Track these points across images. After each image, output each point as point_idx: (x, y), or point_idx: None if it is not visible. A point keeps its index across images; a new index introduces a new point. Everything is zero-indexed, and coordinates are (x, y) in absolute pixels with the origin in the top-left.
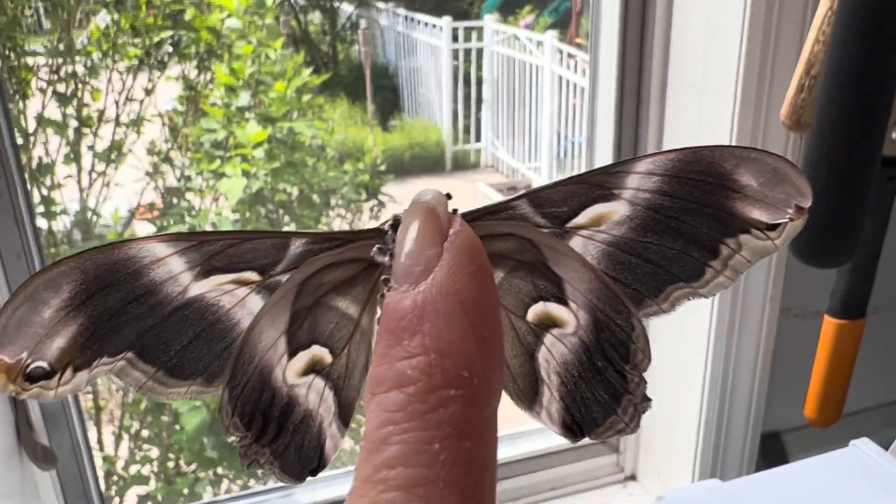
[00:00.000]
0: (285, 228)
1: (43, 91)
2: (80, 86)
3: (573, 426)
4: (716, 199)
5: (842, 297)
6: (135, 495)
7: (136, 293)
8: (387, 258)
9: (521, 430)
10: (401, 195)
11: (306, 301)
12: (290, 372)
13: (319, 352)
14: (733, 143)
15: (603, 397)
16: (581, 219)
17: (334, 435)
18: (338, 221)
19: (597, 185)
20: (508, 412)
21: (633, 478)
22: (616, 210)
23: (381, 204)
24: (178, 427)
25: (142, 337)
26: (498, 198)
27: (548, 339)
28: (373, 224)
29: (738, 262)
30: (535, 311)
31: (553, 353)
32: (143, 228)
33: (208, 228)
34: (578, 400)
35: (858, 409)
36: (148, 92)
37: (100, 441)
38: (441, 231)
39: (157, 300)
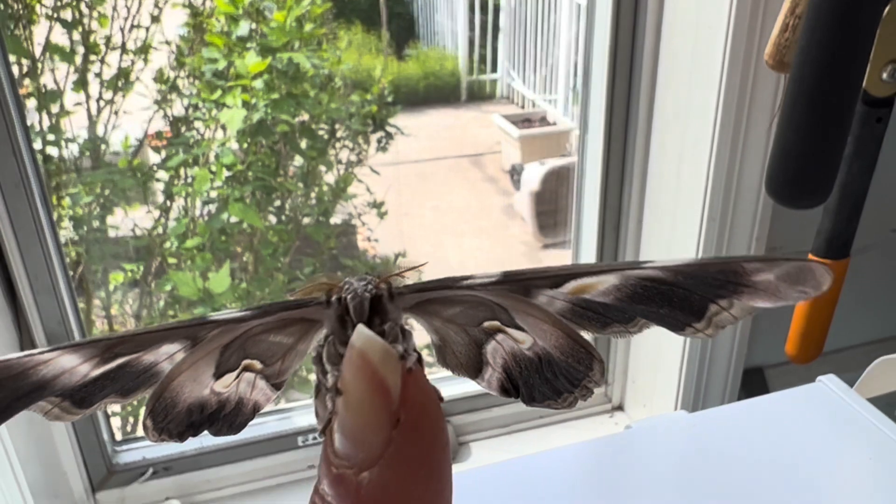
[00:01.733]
0: (280, 179)
1: (49, 17)
2: (85, 11)
3: (511, 392)
4: (722, 288)
5: (826, 237)
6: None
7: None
8: (331, 322)
9: None
10: (412, 127)
11: (233, 351)
12: (219, 386)
13: (250, 363)
14: (723, 88)
15: (547, 389)
16: (564, 289)
17: (268, 397)
18: (344, 153)
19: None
20: None
21: (620, 408)
22: (605, 280)
23: (389, 136)
24: None
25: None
26: (512, 130)
27: (500, 336)
28: (379, 155)
29: (723, 320)
30: (490, 325)
31: (503, 346)
32: (153, 157)
33: (212, 158)
34: (521, 379)
35: (839, 347)
36: (154, 18)
37: None
38: (389, 410)
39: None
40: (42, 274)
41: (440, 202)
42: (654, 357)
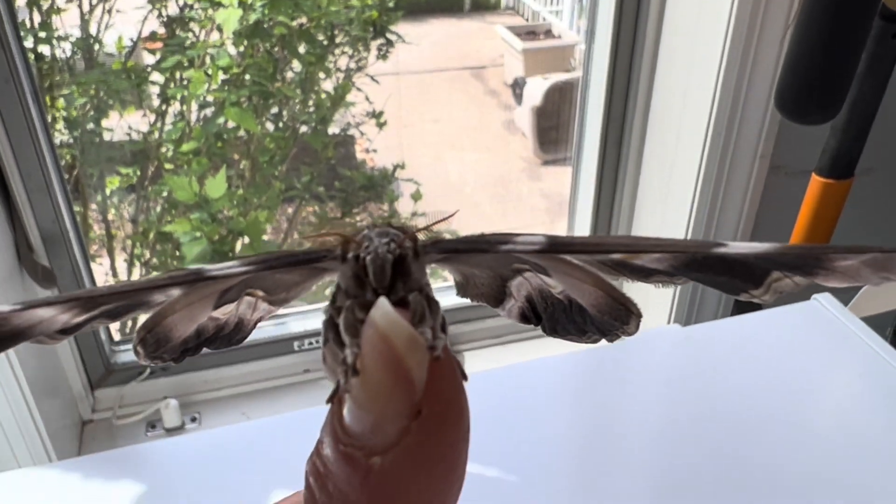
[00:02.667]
0: (277, 85)
1: None
2: None
3: (531, 320)
4: (794, 267)
5: (832, 155)
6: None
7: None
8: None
9: None
10: (413, 36)
11: (233, 289)
12: (217, 313)
13: (252, 292)
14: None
15: (572, 328)
16: (613, 256)
17: (270, 312)
18: (344, 60)
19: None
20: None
21: None
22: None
23: (390, 43)
24: (179, 255)
25: None
26: (516, 42)
27: (527, 274)
28: (379, 64)
29: (784, 286)
30: (519, 267)
31: (530, 282)
32: (148, 60)
33: (207, 61)
34: (545, 313)
35: None
36: None
37: (113, 267)
38: (410, 402)
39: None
40: (35, 172)
41: (440, 114)
42: None
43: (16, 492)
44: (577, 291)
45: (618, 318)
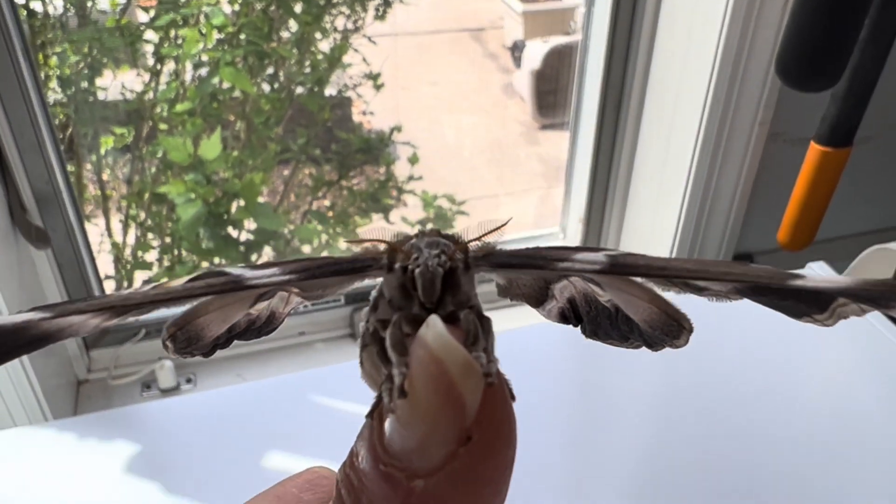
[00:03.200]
0: (273, 45)
1: None
2: None
3: (571, 321)
4: (867, 298)
5: (830, 123)
6: (140, 280)
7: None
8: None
9: None
10: None
11: (271, 291)
12: (252, 310)
13: (287, 289)
14: None
15: (615, 334)
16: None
17: (301, 304)
18: (340, 20)
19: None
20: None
21: None
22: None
23: (388, 3)
24: (175, 217)
25: None
26: (516, 4)
27: (574, 278)
28: (376, 24)
29: (848, 311)
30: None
31: (575, 286)
32: (141, 17)
33: (201, 20)
34: (587, 316)
35: (831, 236)
36: None
37: (108, 228)
38: (460, 427)
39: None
40: (27, 131)
41: (438, 77)
42: (647, 236)
43: (12, 450)
44: (629, 306)
45: (668, 333)
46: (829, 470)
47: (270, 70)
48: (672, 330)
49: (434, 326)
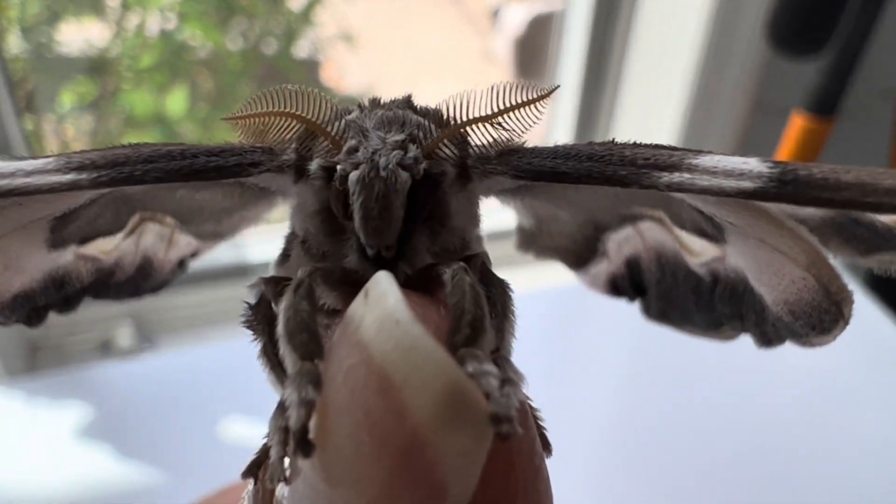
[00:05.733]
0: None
1: None
2: None
3: (624, 292)
4: None
5: (816, 92)
6: None
7: None
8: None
9: None
10: None
11: (102, 219)
12: (91, 250)
13: (153, 218)
14: None
15: (699, 318)
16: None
17: (205, 247)
18: None
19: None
20: None
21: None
22: None
23: None
24: None
25: None
26: None
27: (645, 225)
28: None
29: None
30: (641, 211)
31: (644, 237)
32: None
33: None
34: (656, 288)
35: None
36: None
37: None
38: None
39: None
40: None
41: (416, 40)
42: None
43: None
44: (767, 274)
45: (815, 324)
46: (830, 470)
47: (240, 26)
48: (824, 318)
49: (383, 299)
